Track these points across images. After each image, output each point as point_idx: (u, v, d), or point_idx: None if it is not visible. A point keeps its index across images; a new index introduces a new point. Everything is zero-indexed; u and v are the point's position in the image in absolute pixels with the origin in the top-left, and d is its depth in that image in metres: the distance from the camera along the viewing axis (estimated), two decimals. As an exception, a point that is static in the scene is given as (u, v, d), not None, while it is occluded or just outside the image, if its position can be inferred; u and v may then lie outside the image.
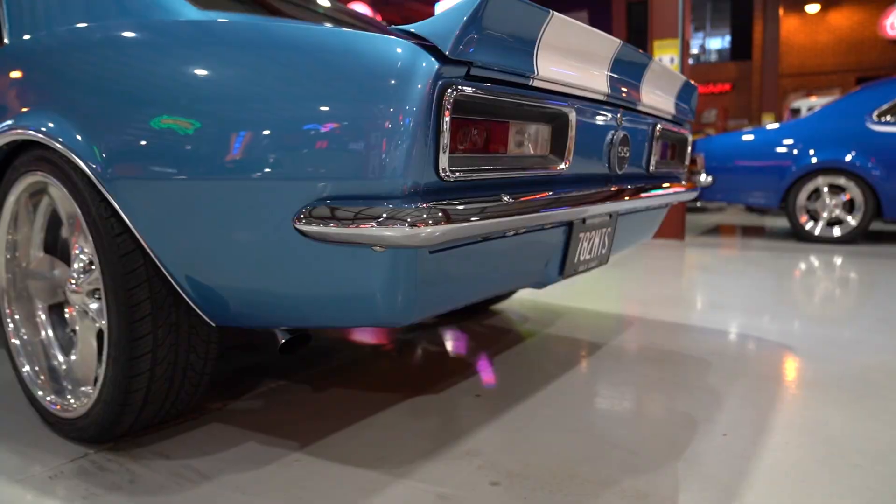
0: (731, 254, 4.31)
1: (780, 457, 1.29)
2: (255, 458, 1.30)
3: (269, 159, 0.96)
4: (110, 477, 1.22)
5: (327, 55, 0.95)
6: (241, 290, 1.10)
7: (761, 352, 2.02)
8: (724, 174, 5.13)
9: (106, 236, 1.16)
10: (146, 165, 1.09)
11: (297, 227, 0.92)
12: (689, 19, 5.06)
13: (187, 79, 1.07)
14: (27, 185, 1.36)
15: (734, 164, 5.07)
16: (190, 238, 1.08)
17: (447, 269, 1.03)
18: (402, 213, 0.87)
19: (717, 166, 5.13)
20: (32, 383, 1.42)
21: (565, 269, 1.43)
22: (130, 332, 1.17)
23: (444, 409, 1.56)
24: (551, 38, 1.09)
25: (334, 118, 0.92)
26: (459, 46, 0.88)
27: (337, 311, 1.05)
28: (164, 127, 1.07)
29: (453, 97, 0.89)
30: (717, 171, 5.15)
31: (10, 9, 1.61)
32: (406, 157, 0.87)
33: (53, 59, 1.33)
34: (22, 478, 1.22)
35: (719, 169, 5.14)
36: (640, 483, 1.19)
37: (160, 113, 1.08)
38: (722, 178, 5.13)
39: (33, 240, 1.47)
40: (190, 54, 1.10)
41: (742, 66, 16.16)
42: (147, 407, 1.27)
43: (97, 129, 1.14)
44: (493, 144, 1.05)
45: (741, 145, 5.10)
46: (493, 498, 1.14)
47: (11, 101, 1.37)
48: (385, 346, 2.13)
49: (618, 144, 1.45)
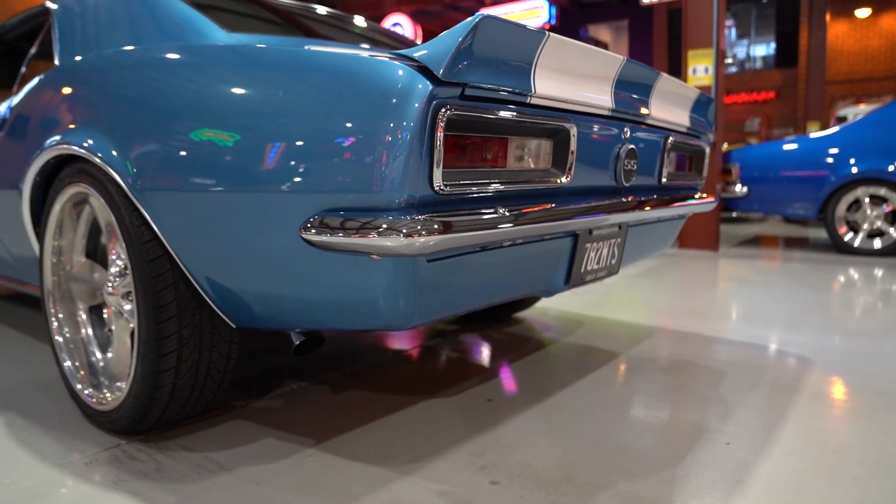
0: (765, 265, 4.25)
1: (781, 466, 1.31)
2: (271, 452, 1.38)
3: (278, 174, 1.05)
4: (139, 465, 1.31)
5: (330, 77, 1.03)
6: (256, 294, 1.18)
7: (781, 363, 2.02)
8: (760, 184, 5.05)
9: (137, 243, 1.27)
10: (171, 178, 1.19)
11: (304, 236, 1.00)
12: (723, 28, 5.02)
13: (206, 100, 1.17)
14: (70, 195, 1.48)
15: (771, 174, 4.99)
16: (210, 244, 1.18)
17: (446, 277, 1.09)
18: (399, 224, 0.93)
19: (754, 176, 5.06)
20: (73, 377, 1.54)
21: (571, 279, 1.48)
22: (158, 331, 1.27)
23: (456, 411, 1.62)
24: (549, 59, 1.15)
25: (337, 135, 1.00)
26: (452, 69, 0.94)
27: (344, 315, 1.12)
28: (186, 143, 1.16)
29: (447, 116, 0.95)
30: (753, 182, 5.08)
31: (62, 33, 1.75)
32: (401, 172, 0.94)
33: (93, 81, 1.45)
34: (62, 463, 1.33)
35: (755, 179, 5.07)
36: (636, 487, 1.22)
37: (183, 131, 1.17)
38: (758, 188, 5.06)
39: (76, 246, 1.59)
40: (209, 78, 1.20)
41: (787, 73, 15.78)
42: (173, 402, 1.37)
43: (129, 145, 1.25)
44: (491, 159, 1.11)
45: (778, 155, 5.02)
46: (491, 496, 1.19)
47: (60, 118, 1.49)
48: (405, 351, 2.20)
49: (624, 158, 1.49)
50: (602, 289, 3.38)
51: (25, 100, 1.71)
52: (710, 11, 4.96)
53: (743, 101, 16.08)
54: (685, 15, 5.08)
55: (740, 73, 16.58)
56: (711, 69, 4.97)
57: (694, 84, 5.04)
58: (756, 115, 15.26)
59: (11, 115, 1.76)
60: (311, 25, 1.95)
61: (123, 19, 1.59)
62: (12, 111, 1.76)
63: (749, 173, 5.07)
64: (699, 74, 5.03)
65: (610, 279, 3.71)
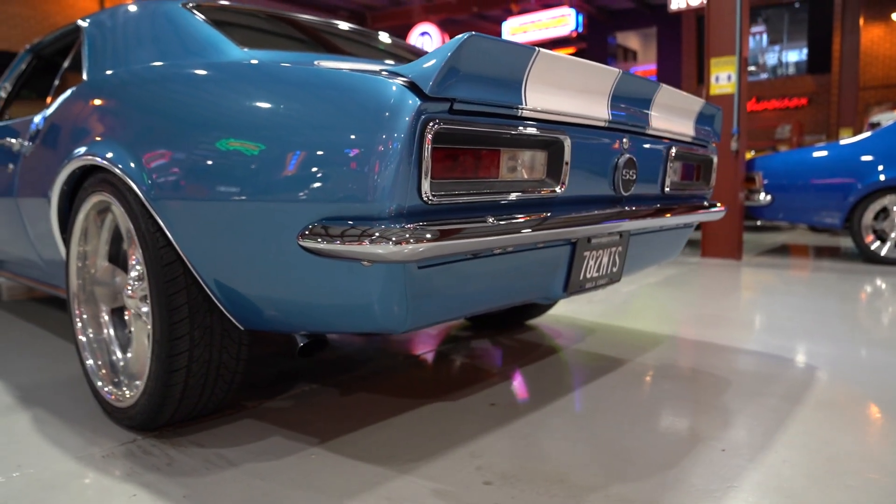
0: (787, 274, 4.19)
1: (773, 473, 1.32)
2: (277, 450, 1.44)
3: (278, 184, 1.11)
4: (152, 459, 1.39)
5: (324, 92, 1.10)
6: (261, 298, 1.25)
7: (788, 373, 2.01)
8: (784, 193, 4.99)
9: (152, 248, 1.34)
10: (181, 187, 1.26)
11: (301, 243, 1.06)
12: (747, 36, 4.98)
13: (211, 114, 1.25)
14: (94, 203, 1.57)
15: (795, 182, 4.93)
16: (218, 250, 1.24)
17: (438, 283, 1.14)
18: (389, 233, 0.99)
19: (778, 184, 5.00)
20: (94, 375, 1.63)
21: (569, 286, 1.51)
22: (170, 332, 1.34)
23: (459, 415, 1.66)
24: (541, 73, 1.19)
25: (331, 147, 1.05)
26: (439, 85, 1.00)
27: (342, 319, 1.18)
28: (194, 154, 1.24)
29: (434, 130, 1.00)
30: (777, 190, 5.02)
31: (90, 50, 1.86)
32: (391, 183, 0.99)
33: (113, 96, 1.54)
34: (81, 455, 1.41)
35: (780, 187, 5.01)
36: (625, 490, 1.25)
37: (191, 143, 1.25)
38: (782, 196, 5.00)
39: (100, 251, 1.68)
40: (214, 93, 1.28)
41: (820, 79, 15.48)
42: (185, 400, 1.44)
43: (144, 156, 1.33)
44: (484, 170, 1.16)
45: (802, 162, 4.95)
46: (483, 496, 1.23)
47: (84, 130, 1.59)
48: (416, 355, 2.25)
49: (622, 168, 1.52)
50: (619, 297, 3.39)
51: (55, 112, 1.81)
52: (732, 18, 4.93)
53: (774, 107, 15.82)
54: (707, 22, 5.06)
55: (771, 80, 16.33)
56: (734, 77, 4.94)
57: (717, 92, 5.01)
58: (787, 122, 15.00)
59: (44, 126, 1.87)
60: (326, 40, 2.02)
61: (142, 38, 1.68)
62: (45, 122, 1.87)
63: (773, 181, 5.01)
64: (722, 82, 5.00)
65: (627, 287, 3.71)
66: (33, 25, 11.43)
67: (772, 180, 5.02)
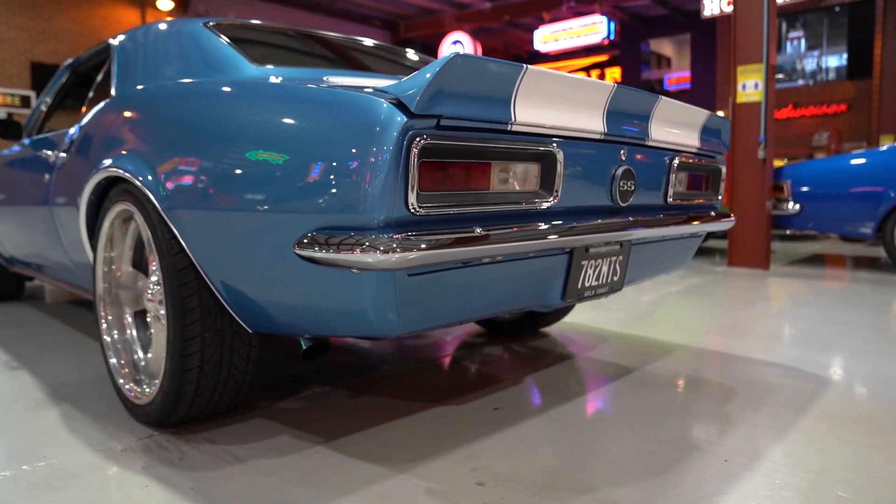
0: (815, 284, 4.12)
1: (763, 482, 1.33)
2: (283, 448, 1.51)
3: (277, 195, 1.18)
4: (166, 454, 1.47)
5: (318, 109, 1.17)
6: (265, 302, 1.32)
7: (797, 384, 2.00)
8: (814, 201, 4.91)
9: (167, 254, 1.43)
10: (192, 197, 1.35)
11: (297, 251, 1.13)
12: (774, 43, 4.92)
13: (217, 129, 1.33)
14: (118, 212, 1.67)
15: (824, 190, 4.84)
16: (225, 256, 1.32)
17: (429, 291, 1.19)
18: (377, 242, 1.04)
19: (807, 193, 4.92)
20: (117, 373, 1.72)
21: (567, 294, 1.55)
22: (183, 333, 1.42)
23: (462, 418, 1.70)
24: (530, 89, 1.24)
25: (326, 161, 1.12)
26: (425, 103, 1.05)
27: (339, 323, 1.24)
28: (202, 167, 1.32)
29: (421, 144, 1.06)
30: (806, 199, 4.94)
31: (118, 67, 1.97)
32: (379, 194, 1.05)
33: (135, 111, 1.64)
34: (102, 449, 1.51)
35: (809, 196, 4.93)
36: (615, 494, 1.28)
37: (199, 156, 1.33)
38: (812, 205, 4.91)
39: (124, 257, 1.78)
40: (221, 109, 1.37)
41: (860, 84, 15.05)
42: (197, 398, 1.52)
43: (160, 168, 1.42)
44: (474, 182, 1.21)
45: (831, 170, 4.86)
46: (473, 495, 1.27)
47: (109, 143, 1.69)
48: (427, 361, 2.30)
49: (620, 178, 1.55)
50: (638, 306, 3.39)
51: (85, 126, 1.93)
52: (760, 26, 4.89)
53: (812, 114, 15.44)
54: (733, 29, 5.02)
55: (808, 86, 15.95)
56: (762, 85, 4.88)
57: (743, 100, 4.97)
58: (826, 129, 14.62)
59: (75, 139, 1.99)
60: (341, 55, 2.10)
61: (164, 56, 1.79)
62: (76, 135, 1.99)
63: (802, 190, 4.93)
64: (749, 90, 4.95)
65: (648, 296, 3.71)
66: (80, 40, 11.91)
67: (800, 189, 4.94)
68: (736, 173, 5.00)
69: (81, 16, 12.09)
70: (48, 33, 11.68)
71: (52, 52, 11.62)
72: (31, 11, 11.48)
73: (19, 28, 11.39)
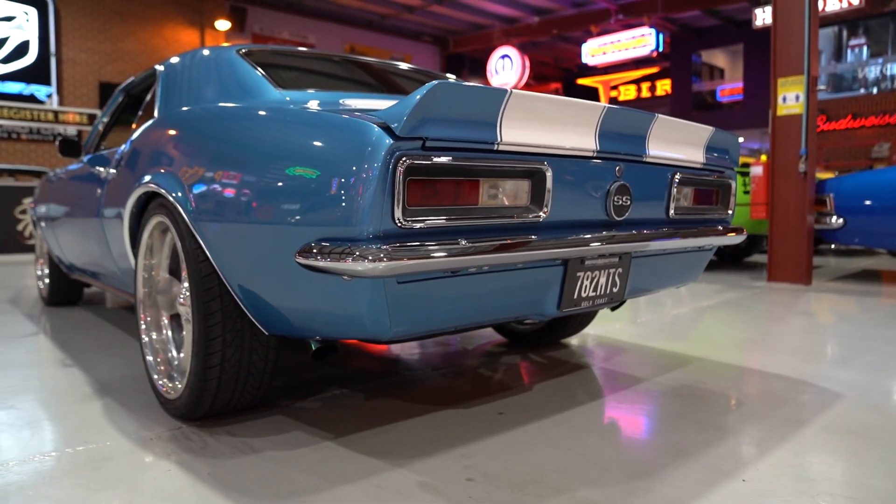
0: (857, 301, 4.02)
1: (746, 489, 1.37)
2: (296, 442, 1.64)
3: (283, 210, 1.32)
4: (190, 443, 1.62)
5: (318, 133, 1.31)
6: (275, 306, 1.45)
7: (806, 398, 2.01)
8: (858, 215, 4.78)
9: (194, 262, 1.59)
10: (213, 211, 1.50)
11: (297, 260, 1.26)
12: (816, 54, 4.84)
13: (232, 150, 1.49)
14: (155, 223, 1.84)
15: (869, 203, 4.71)
16: (241, 264, 1.46)
17: (418, 297, 1.30)
18: (367, 252, 1.16)
19: (851, 207, 4.80)
20: (153, 370, 1.89)
21: (563, 304, 1.63)
22: (206, 334, 1.57)
23: (466, 421, 1.80)
24: (517, 111, 1.34)
25: (325, 179, 1.25)
26: (409, 127, 1.17)
27: (338, 326, 1.36)
28: (220, 183, 1.47)
29: (406, 164, 1.17)
30: (850, 213, 4.81)
31: (162, 91, 2.17)
32: (368, 209, 1.17)
33: (170, 132, 1.82)
34: (135, 437, 1.67)
35: (853, 210, 4.80)
36: (595, 493, 1.35)
37: (218, 174, 1.49)
38: (856, 219, 4.78)
39: (161, 264, 1.95)
40: (237, 132, 1.52)
41: (926, 93, 14.42)
42: (220, 394, 1.67)
43: (188, 185, 1.58)
44: (463, 197, 1.31)
45: (876, 183, 4.73)
46: (461, 490, 1.37)
47: (150, 161, 1.88)
48: (443, 368, 2.40)
49: (615, 194, 1.62)
50: (665, 319, 3.40)
51: (131, 145, 2.13)
52: (800, 36, 4.82)
53: (872, 124, 14.85)
54: (774, 41, 4.96)
55: (870, 95, 15.36)
56: (803, 97, 4.81)
57: (784, 112, 4.90)
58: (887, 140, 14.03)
59: (124, 155, 2.19)
60: (362, 77, 2.25)
61: (201, 81, 1.96)
62: (124, 153, 2.20)
63: (845, 203, 4.81)
64: (790, 103, 4.88)
65: (678, 310, 3.71)
66: (143, 60, 12.64)
67: (843, 202, 4.82)
68: (776, 187, 4.92)
69: (146, 37, 12.82)
70: (115, 55, 12.44)
71: (119, 73, 12.36)
72: (101, 35, 12.27)
73: (90, 51, 12.18)
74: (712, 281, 5.13)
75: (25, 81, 11.68)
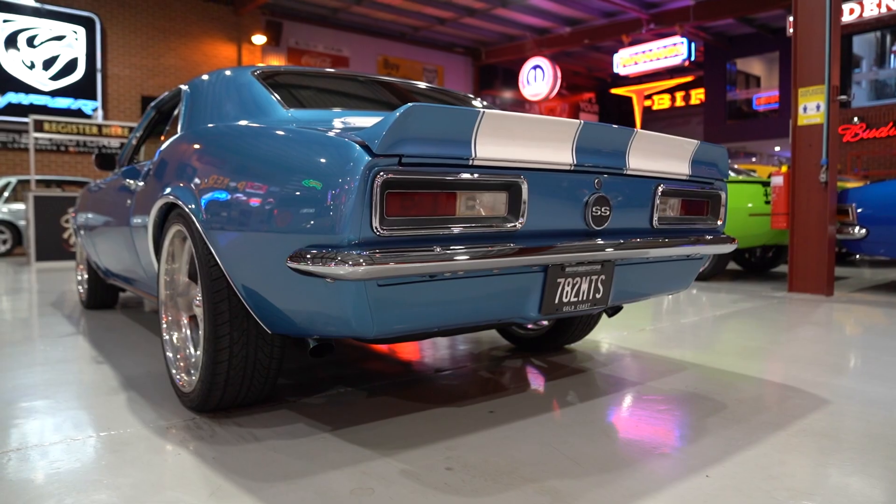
0: (877, 312, 3.99)
1: (708, 484, 1.45)
2: (296, 432, 1.78)
3: (277, 219, 1.46)
4: (200, 433, 1.77)
5: (307, 150, 1.45)
6: (274, 307, 1.60)
7: (792, 403, 2.06)
8: (882, 226, 4.72)
9: (206, 266, 1.75)
10: (219, 220, 1.66)
11: (288, 264, 1.40)
12: (837, 63, 4.82)
13: (234, 165, 1.65)
14: (174, 232, 2.02)
15: (892, 214, 4.65)
16: (244, 268, 1.62)
17: (398, 299, 1.42)
18: (347, 257, 1.29)
19: (873, 216, 4.75)
20: (172, 366, 2.06)
21: (544, 309, 1.73)
22: (215, 332, 1.73)
23: (457, 418, 1.91)
24: (490, 129, 1.46)
25: (313, 192, 1.39)
26: (385, 145, 1.30)
27: (327, 325, 1.50)
28: (224, 195, 1.63)
29: (383, 178, 1.30)
30: (874, 223, 4.77)
31: (185, 109, 2.36)
32: (348, 219, 1.30)
33: (189, 147, 2.00)
34: (152, 426, 1.83)
35: (877, 220, 4.75)
36: (560, 484, 1.45)
37: (221, 187, 1.65)
38: (880, 230, 4.73)
39: (181, 269, 2.13)
40: (239, 149, 1.69)
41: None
42: (228, 389, 1.82)
43: (199, 197, 1.75)
44: (440, 208, 1.44)
45: (899, 194, 4.67)
46: (439, 476, 1.48)
47: (171, 174, 2.05)
48: (445, 370, 2.52)
49: (593, 205, 1.72)
50: (674, 327, 3.45)
51: (157, 160, 2.32)
52: (821, 46, 4.81)
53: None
54: (794, 50, 4.96)
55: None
56: (823, 107, 4.79)
57: (804, 122, 4.89)
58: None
59: (151, 168, 2.38)
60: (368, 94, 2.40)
61: (219, 101, 2.14)
62: (153, 163, 2.39)
63: (868, 213, 4.76)
64: (810, 112, 4.86)
65: (689, 318, 3.75)
66: (183, 74, 13.14)
67: (867, 212, 4.77)
68: (797, 197, 4.90)
69: (186, 52, 13.33)
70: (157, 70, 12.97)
71: (160, 87, 12.87)
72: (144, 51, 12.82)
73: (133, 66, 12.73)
74: (732, 291, 5.13)
75: (74, 97, 12.29)
